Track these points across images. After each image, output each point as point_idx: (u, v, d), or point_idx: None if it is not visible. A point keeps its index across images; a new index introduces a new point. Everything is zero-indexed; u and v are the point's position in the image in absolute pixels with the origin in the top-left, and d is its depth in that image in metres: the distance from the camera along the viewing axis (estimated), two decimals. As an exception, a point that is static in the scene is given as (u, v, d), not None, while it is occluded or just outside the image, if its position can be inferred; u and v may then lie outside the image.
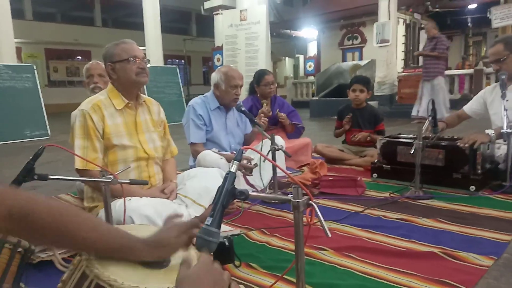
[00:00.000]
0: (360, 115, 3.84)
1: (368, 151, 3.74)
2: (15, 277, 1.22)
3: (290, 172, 2.85)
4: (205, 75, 23.88)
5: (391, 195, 2.74)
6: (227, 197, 1.02)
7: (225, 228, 2.11)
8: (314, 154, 4.00)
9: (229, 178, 1.04)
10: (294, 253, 1.21)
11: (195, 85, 22.20)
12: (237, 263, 1.69)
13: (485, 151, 2.81)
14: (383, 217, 2.30)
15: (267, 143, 2.75)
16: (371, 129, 3.78)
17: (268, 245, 1.93)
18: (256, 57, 8.94)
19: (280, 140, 2.94)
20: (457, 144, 2.79)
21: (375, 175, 3.22)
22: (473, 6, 13.49)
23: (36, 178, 1.36)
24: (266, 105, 3.49)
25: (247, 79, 4.15)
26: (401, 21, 11.54)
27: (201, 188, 2.21)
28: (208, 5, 11.18)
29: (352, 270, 1.64)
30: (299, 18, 14.65)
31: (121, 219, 1.73)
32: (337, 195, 2.75)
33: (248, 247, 1.92)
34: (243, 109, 2.87)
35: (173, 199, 2.14)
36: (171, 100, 9.51)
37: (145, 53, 8.43)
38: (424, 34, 12.56)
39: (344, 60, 14.07)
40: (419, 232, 2.04)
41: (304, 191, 1.14)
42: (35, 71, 7.66)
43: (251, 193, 1.11)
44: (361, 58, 13.48)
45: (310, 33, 16.97)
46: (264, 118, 3.20)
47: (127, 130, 2.11)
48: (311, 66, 16.40)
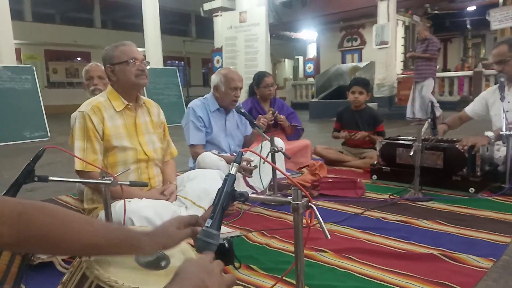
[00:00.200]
0: (359, 117, 3.85)
1: (368, 153, 3.75)
2: (16, 278, 1.23)
3: (289, 174, 2.84)
4: (204, 77, 23.89)
5: (391, 197, 2.75)
6: (227, 199, 1.02)
7: (225, 229, 2.11)
8: (314, 156, 4.00)
9: (229, 180, 1.04)
10: (294, 255, 1.22)
11: (195, 86, 22.21)
12: (237, 264, 1.69)
13: (485, 153, 2.81)
14: (382, 219, 2.30)
15: (266, 145, 2.76)
16: (370, 131, 3.78)
17: (267, 247, 1.93)
18: (255, 58, 8.96)
19: (279, 142, 2.95)
20: (456, 146, 2.80)
21: (374, 177, 3.22)
22: (472, 8, 13.53)
23: (36, 180, 1.36)
24: (272, 113, 3.47)
25: (247, 81, 4.15)
26: (400, 23, 11.57)
27: (200, 190, 2.22)
28: (207, 6, 11.21)
29: (352, 272, 1.65)
30: (299, 20, 14.66)
31: (121, 220, 1.73)
32: (337, 197, 2.76)
33: (248, 248, 1.92)
34: (242, 110, 2.87)
35: (173, 201, 2.14)
36: (170, 102, 9.51)
37: (145, 54, 8.42)
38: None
39: (344, 62, 14.09)
40: (418, 234, 2.04)
41: (303, 193, 1.15)
42: (35, 72, 7.66)
43: (251, 195, 1.12)
44: (360, 60, 13.50)
45: (309, 34, 17.01)
46: (264, 119, 3.21)
47: (127, 131, 2.11)
48: (310, 67, 16.42)
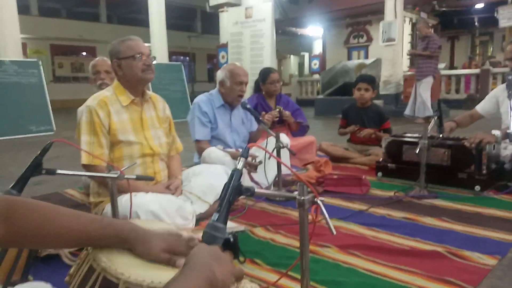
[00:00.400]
0: (365, 114, 3.83)
1: (373, 150, 3.74)
2: (24, 270, 1.24)
3: (294, 170, 2.84)
4: (209, 73, 23.86)
5: (396, 194, 2.74)
6: (234, 193, 1.03)
7: (230, 224, 2.11)
8: (319, 153, 4.00)
9: (235, 174, 1.05)
10: (298, 250, 1.22)
11: (200, 82, 22.20)
12: (241, 259, 1.70)
13: (491, 151, 2.80)
14: (387, 216, 2.30)
15: (272, 141, 2.76)
16: (376, 128, 3.76)
17: (272, 242, 1.94)
18: (261, 54, 8.93)
19: (285, 138, 2.95)
20: (463, 144, 2.79)
21: (380, 174, 3.21)
22: (480, 6, 13.38)
23: (44, 172, 1.37)
24: (278, 111, 3.47)
25: (252, 77, 4.15)
26: (407, 20, 11.46)
27: (206, 185, 2.23)
28: (213, 2, 11.17)
29: (356, 268, 1.65)
30: (305, 16, 14.59)
31: (127, 214, 1.74)
32: (342, 193, 2.76)
33: (252, 243, 1.93)
34: (248, 106, 2.87)
35: (178, 195, 2.15)
36: (175, 97, 9.50)
37: (150, 49, 8.43)
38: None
39: (350, 58, 14.00)
40: (423, 231, 2.04)
41: (309, 188, 1.15)
42: (41, 66, 7.68)
43: (257, 190, 1.12)
44: (366, 57, 13.40)
45: (315, 31, 16.91)
46: (269, 116, 3.20)
47: (133, 126, 2.12)
48: (316, 64, 16.37)
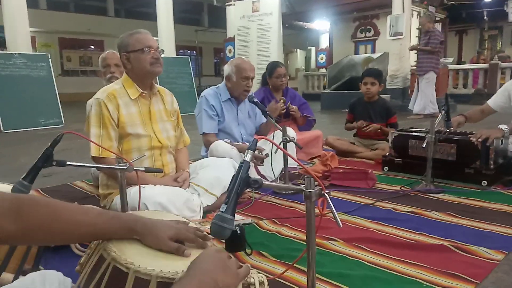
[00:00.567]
0: (372, 108, 3.82)
1: (380, 144, 3.74)
2: (35, 259, 1.27)
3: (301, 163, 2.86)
4: (216, 66, 23.86)
5: (402, 188, 2.74)
6: (242, 185, 1.04)
7: (237, 217, 2.12)
8: (325, 147, 4.00)
9: (243, 166, 1.06)
10: (305, 243, 1.23)
11: (207, 76, 22.20)
12: (248, 251, 1.72)
13: (498, 146, 2.79)
14: (393, 210, 2.31)
15: (278, 134, 2.77)
16: (382, 123, 3.75)
17: (278, 235, 1.96)
18: (268, 48, 8.92)
19: (291, 132, 2.96)
20: (469, 138, 2.78)
21: (386, 168, 3.21)
22: (489, -1, 13.24)
23: (54, 164, 1.40)
24: (283, 102, 3.48)
25: (259, 71, 4.16)
26: (415, 13, 11.33)
27: (213, 178, 2.25)
28: (220, -4, 11.16)
29: (362, 261, 1.66)
30: (312, 10, 14.50)
31: (136, 206, 1.77)
32: (348, 187, 2.76)
33: (259, 236, 1.95)
34: (255, 100, 2.88)
35: (186, 188, 2.18)
36: (182, 91, 9.52)
37: (158, 43, 8.44)
38: (438, 27, 12.40)
39: (357, 52, 13.91)
40: (429, 225, 2.04)
41: (316, 181, 1.16)
42: (50, 60, 7.74)
43: (265, 182, 1.13)
44: (373, 51, 13.31)
45: (322, 25, 16.82)
46: (274, 106, 3.22)
47: (141, 119, 2.15)
48: (323, 58, 16.26)
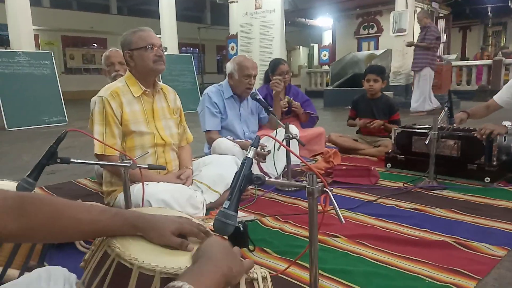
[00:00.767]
0: (375, 105, 3.82)
1: (382, 141, 3.73)
2: (40, 255, 1.28)
3: (304, 160, 2.86)
4: (219, 64, 23.85)
5: (405, 185, 2.74)
6: (245, 181, 1.05)
7: (240, 214, 2.13)
8: (328, 144, 4.00)
9: (246, 163, 1.07)
10: (307, 239, 1.24)
11: (209, 73, 22.20)
12: (251, 247, 1.73)
13: (502, 142, 2.78)
14: (396, 207, 2.31)
15: (281, 131, 2.77)
16: (385, 119, 3.75)
17: (281, 231, 1.97)
18: (270, 45, 8.89)
19: (294, 129, 2.96)
20: (473, 135, 2.77)
21: (389, 165, 3.21)
22: (493, -5, 13.16)
23: (59, 161, 1.40)
24: (288, 102, 3.48)
25: (261, 68, 4.15)
26: (418, 10, 11.28)
27: (216, 175, 2.26)
28: (223, -7, 11.14)
29: (365, 257, 1.67)
30: (315, 7, 14.46)
31: (139, 203, 1.78)
32: (350, 184, 2.76)
33: (262, 232, 1.96)
34: (258, 97, 2.89)
35: (189, 185, 2.19)
36: (185, 88, 9.53)
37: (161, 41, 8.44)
38: (442, 24, 12.35)
39: (360, 49, 13.88)
40: (432, 222, 2.05)
41: (319, 178, 1.16)
42: (53, 58, 7.76)
43: (267, 179, 1.14)
44: (376, 48, 13.27)
45: (325, 21, 16.76)
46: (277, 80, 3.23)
47: (144, 117, 2.16)
48: (325, 55, 16.24)
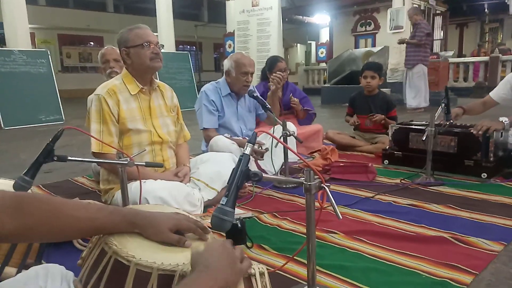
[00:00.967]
0: (372, 101, 3.82)
1: (380, 138, 3.74)
2: (38, 253, 1.28)
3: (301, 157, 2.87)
4: (216, 62, 23.81)
5: (402, 181, 2.75)
6: (242, 178, 1.05)
7: (237, 211, 2.14)
8: (325, 141, 4.00)
9: (243, 159, 1.07)
10: (305, 236, 1.24)
11: (207, 71, 22.16)
12: (249, 244, 1.73)
13: (498, 138, 2.79)
14: (393, 203, 2.32)
15: (278, 128, 2.78)
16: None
17: (279, 228, 1.97)
18: (267, 43, 8.88)
19: (291, 126, 2.96)
20: (470, 131, 2.78)
21: (386, 161, 3.22)
22: (490, -8, 13.16)
23: (55, 159, 1.40)
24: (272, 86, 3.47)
25: (259, 65, 4.15)
26: (416, 7, 11.29)
27: (213, 172, 2.26)
28: (220, -10, 11.11)
29: (362, 253, 1.67)
30: (312, 4, 14.46)
31: (137, 200, 1.78)
32: (348, 181, 2.77)
33: (259, 229, 1.96)
34: (255, 94, 2.89)
35: (186, 183, 2.18)
36: (182, 86, 9.52)
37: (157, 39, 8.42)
38: (439, 20, 12.35)
39: (357, 46, 13.86)
40: (429, 218, 2.05)
41: (316, 174, 1.17)
42: (49, 56, 7.73)
43: (265, 175, 1.14)
44: (374, 45, 13.26)
45: (322, 19, 16.75)
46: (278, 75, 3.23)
47: (141, 114, 2.15)
48: (323, 52, 16.21)
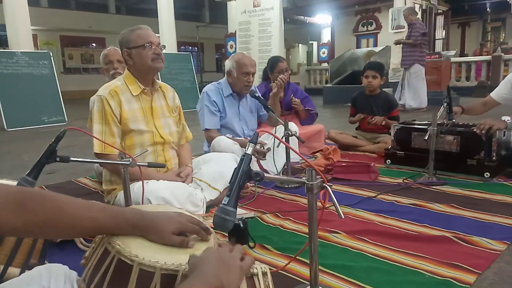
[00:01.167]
0: (374, 101, 3.82)
1: (382, 138, 3.73)
2: (41, 254, 1.29)
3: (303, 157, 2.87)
4: (218, 62, 23.83)
5: (404, 181, 2.75)
6: (244, 177, 1.05)
7: (240, 211, 2.14)
8: (327, 141, 4.00)
9: (245, 159, 1.07)
10: (307, 236, 1.24)
11: (208, 72, 22.18)
12: (251, 244, 1.73)
13: (501, 137, 2.79)
14: (395, 202, 2.31)
15: (280, 129, 2.78)
16: (384, 116, 3.75)
17: (281, 228, 1.97)
18: (269, 43, 8.88)
19: (293, 126, 2.96)
20: (472, 130, 2.77)
21: (388, 161, 3.22)
22: (492, -9, 13.13)
23: (58, 160, 1.41)
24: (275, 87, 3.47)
25: (260, 66, 4.15)
26: (417, 6, 11.24)
27: (216, 172, 2.26)
28: (221, -9, 11.11)
29: (364, 253, 1.67)
30: (313, 4, 14.47)
31: (139, 201, 1.78)
32: (350, 180, 2.77)
33: (262, 229, 1.96)
34: (257, 95, 2.89)
35: (188, 183, 2.19)
36: (184, 87, 9.53)
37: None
38: (441, 20, 12.33)
39: (359, 46, 13.86)
40: (431, 217, 2.05)
41: (318, 174, 1.17)
42: (52, 58, 7.75)
43: (266, 175, 1.14)
44: (375, 45, 13.26)
45: (324, 19, 16.75)
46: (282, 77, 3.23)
47: (143, 115, 2.16)
48: (324, 52, 16.25)
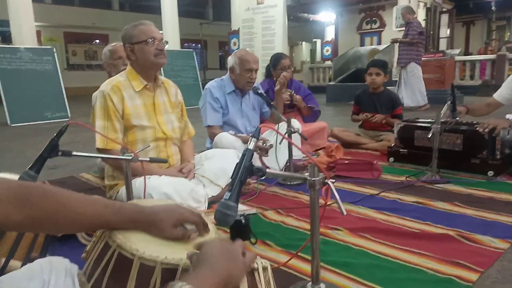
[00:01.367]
0: (377, 99, 3.80)
1: (385, 136, 3.72)
2: (42, 248, 1.28)
3: (305, 156, 2.85)
4: (221, 60, 23.81)
5: (407, 179, 2.73)
6: (245, 173, 1.04)
7: (241, 207, 2.14)
8: (330, 138, 3.99)
9: (247, 154, 1.07)
10: (309, 232, 1.24)
11: (211, 69, 22.17)
12: (253, 240, 1.73)
13: (505, 136, 2.77)
14: (398, 200, 2.30)
15: (283, 126, 2.77)
16: (388, 114, 3.74)
17: (283, 224, 1.97)
18: (272, 41, 8.87)
19: (296, 123, 2.96)
20: (476, 129, 2.76)
21: (391, 159, 3.20)
22: (497, -11, 13.06)
23: (60, 154, 1.41)
24: (289, 95, 3.46)
25: (264, 63, 4.13)
26: (421, 4, 11.20)
27: (218, 169, 2.26)
28: (225, -12, 11.10)
29: (366, 250, 1.66)
30: (317, 2, 14.43)
31: (141, 196, 1.78)
32: (353, 178, 2.76)
33: (263, 226, 1.96)
34: (260, 91, 2.88)
35: (190, 179, 2.19)
36: (187, 84, 9.52)
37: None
38: (445, 18, 12.28)
39: (362, 44, 13.83)
40: (434, 215, 2.04)
41: (320, 170, 1.16)
42: (55, 54, 7.76)
43: (268, 170, 1.14)
44: (379, 43, 13.22)
45: (328, 16, 16.71)
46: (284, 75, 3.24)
47: (146, 111, 2.15)
48: (328, 50, 16.18)
